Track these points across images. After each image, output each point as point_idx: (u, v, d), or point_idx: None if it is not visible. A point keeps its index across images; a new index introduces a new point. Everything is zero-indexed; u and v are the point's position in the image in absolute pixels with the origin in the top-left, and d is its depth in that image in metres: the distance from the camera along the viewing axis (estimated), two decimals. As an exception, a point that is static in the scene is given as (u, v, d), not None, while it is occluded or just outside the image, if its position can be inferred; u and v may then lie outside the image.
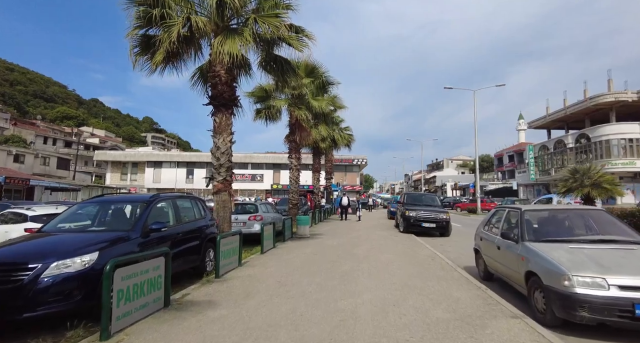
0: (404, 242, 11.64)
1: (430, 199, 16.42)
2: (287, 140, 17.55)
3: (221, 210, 8.43)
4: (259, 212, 11.64)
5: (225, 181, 8.57)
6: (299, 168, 17.52)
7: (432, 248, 10.27)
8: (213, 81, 8.52)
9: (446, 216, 14.35)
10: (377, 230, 15.94)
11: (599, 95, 33.57)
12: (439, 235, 14.63)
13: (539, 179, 43.63)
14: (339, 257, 8.70)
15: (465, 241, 13.28)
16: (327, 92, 17.94)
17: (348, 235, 13.59)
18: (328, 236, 13.37)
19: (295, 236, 12.97)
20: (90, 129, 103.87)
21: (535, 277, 4.30)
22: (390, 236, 13.50)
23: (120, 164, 51.44)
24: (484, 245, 6.40)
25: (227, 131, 8.59)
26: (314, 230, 15.32)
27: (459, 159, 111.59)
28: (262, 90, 16.58)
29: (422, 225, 14.15)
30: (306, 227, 13.09)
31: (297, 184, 17.45)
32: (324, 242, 11.48)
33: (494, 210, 6.74)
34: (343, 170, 53.49)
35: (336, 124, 27.03)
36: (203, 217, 7.14)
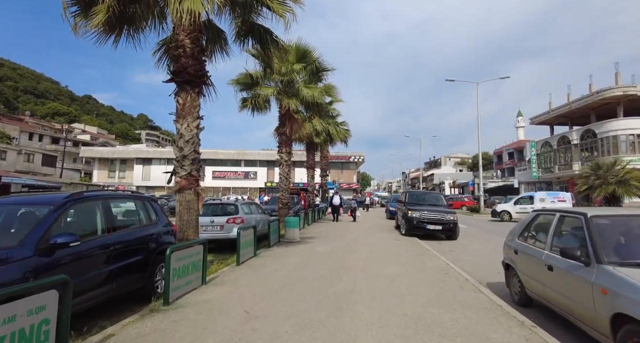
0: (408, 248, 10.06)
1: (434, 198, 14.86)
2: (276, 133, 15.91)
3: (185, 212, 6.79)
4: (240, 213, 10.00)
5: (190, 177, 6.92)
6: (289, 164, 15.88)
7: (441, 257, 8.70)
8: (176, 53, 6.85)
9: (453, 217, 12.79)
10: (375, 232, 14.35)
11: (607, 89, 32.14)
12: (445, 238, 13.11)
13: (542, 177, 42.27)
14: (331, 269, 7.09)
15: (475, 245, 11.85)
16: (320, 80, 16.28)
17: (343, 239, 11.99)
18: (321, 240, 11.77)
19: (283, 240, 11.37)
20: (82, 125, 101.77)
21: (633, 325, 2.71)
22: (391, 240, 11.92)
23: (108, 160, 49.48)
24: (522, 261, 4.81)
25: (193, 115, 6.93)
26: (306, 233, 13.71)
27: (456, 156, 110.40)
28: (247, 77, 14.92)
29: (426, 227, 12.59)
30: (295, 230, 11.47)
31: (287, 181, 15.82)
32: (315, 249, 9.87)
33: (532, 214, 5.15)
34: (339, 167, 51.91)
35: (332, 118, 25.40)
36: (153, 223, 5.51)
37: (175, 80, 6.91)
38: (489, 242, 12.53)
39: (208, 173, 49.68)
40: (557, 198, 20.48)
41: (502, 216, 21.03)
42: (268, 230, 10.19)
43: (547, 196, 20.81)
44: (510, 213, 20.87)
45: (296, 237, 11.45)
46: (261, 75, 15.18)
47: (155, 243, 5.33)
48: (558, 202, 20.16)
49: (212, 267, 7.38)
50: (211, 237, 9.68)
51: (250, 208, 11.03)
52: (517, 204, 21.10)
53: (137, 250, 4.93)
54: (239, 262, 7.57)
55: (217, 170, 49.68)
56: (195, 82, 6.95)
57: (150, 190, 48.22)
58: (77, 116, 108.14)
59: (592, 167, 13.02)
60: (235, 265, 7.53)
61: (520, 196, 22.30)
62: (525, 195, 22.35)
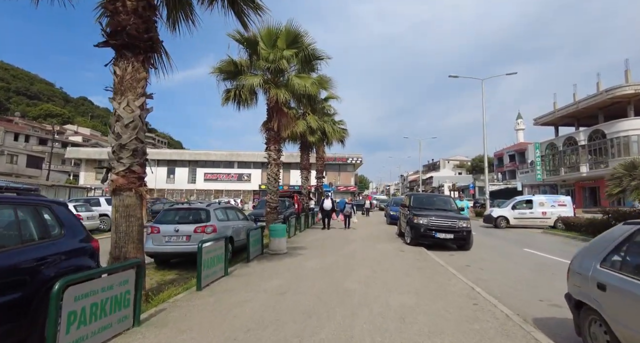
0: (417, 263, 8.29)
1: (443, 202, 13.10)
2: (264, 129, 14.15)
3: (123, 221, 5.00)
4: (212, 220, 8.19)
5: (131, 173, 5.13)
6: (279, 163, 14.10)
7: (460, 276, 6.94)
8: (112, 7, 5.10)
9: (466, 224, 11.04)
10: (376, 241, 12.57)
11: (617, 87, 30.63)
12: (455, 247, 11.37)
13: (547, 179, 40.69)
14: (321, 299, 5.30)
15: (494, 257, 9.95)
16: (314, 69, 14.54)
17: (339, 250, 10.20)
18: (312, 251, 9.97)
19: (267, 252, 9.58)
20: (75, 127, 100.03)
21: None
22: (394, 251, 10.14)
23: (96, 161, 47.46)
24: (618, 303, 3.04)
25: (136, 91, 5.17)
26: (296, 242, 11.92)
27: (455, 159, 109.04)
28: (230, 65, 13.17)
29: (435, 235, 10.83)
30: (282, 240, 9.68)
31: (276, 182, 14.04)
32: (303, 264, 8.07)
33: (625, 228, 3.37)
34: (337, 169, 50.17)
35: (328, 115, 23.69)
36: (53, 238, 3.72)
37: (111, 43, 5.13)
38: (509, 253, 10.78)
39: (199, 176, 47.82)
40: (557, 202, 18.69)
41: (499, 223, 18.61)
42: (247, 240, 8.39)
43: (547, 200, 18.93)
44: (507, 219, 18.67)
45: (282, 248, 9.66)
46: (246, 63, 13.44)
47: (53, 270, 3.53)
48: (559, 206, 18.42)
49: (162, 294, 5.58)
50: (175, 250, 7.92)
51: (226, 214, 9.21)
52: (515, 209, 18.92)
53: (12, 283, 3.13)
54: (200, 286, 5.78)
55: (209, 172, 47.82)
56: (138, 47, 5.18)
57: (139, 193, 46.29)
58: (71, 118, 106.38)
59: (626, 166, 11.37)
60: (197, 290, 5.74)
61: (517, 200, 19.84)
62: (523, 199, 20.04)
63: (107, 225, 16.93)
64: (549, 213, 18.32)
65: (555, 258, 9.67)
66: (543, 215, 18.36)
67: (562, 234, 14.84)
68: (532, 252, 10.91)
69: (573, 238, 13.67)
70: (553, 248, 11.66)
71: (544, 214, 18.34)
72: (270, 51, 13.23)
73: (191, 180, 47.83)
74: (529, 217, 18.53)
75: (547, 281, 7.08)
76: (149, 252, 7.95)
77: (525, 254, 10.53)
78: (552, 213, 18.31)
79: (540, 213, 18.37)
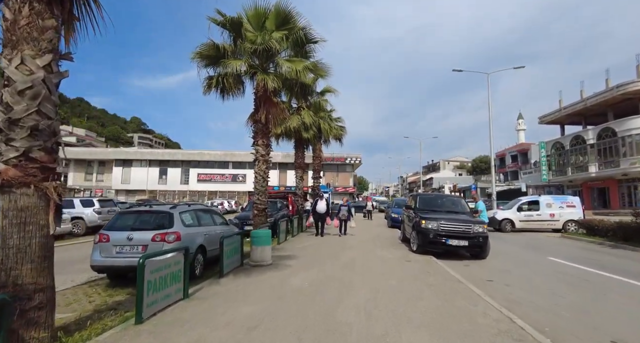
0: (428, 277, 6.73)
1: (452, 203, 11.54)
2: (250, 121, 12.56)
3: (16, 231, 3.46)
4: (175, 226, 6.62)
5: (29, 161, 3.57)
6: (267, 159, 12.52)
7: (487, 297, 5.40)
8: None
9: (482, 229, 9.50)
10: (377, 248, 11.01)
11: (628, 82, 29.22)
12: (469, 256, 9.84)
13: (552, 180, 39.25)
14: (302, 341, 3.74)
15: (514, 266, 8.20)
16: (307, 56, 12.98)
17: (334, 261, 8.64)
18: (302, 262, 8.41)
19: (248, 264, 8.03)
20: (70, 127, 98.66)
21: None
22: (399, 261, 8.58)
23: (85, 162, 45.83)
24: None
25: (38, 44, 3.62)
26: (285, 249, 10.37)
27: (455, 160, 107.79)
28: (212, 48, 11.58)
29: (447, 242, 9.28)
30: (266, 249, 8.11)
31: (264, 181, 12.46)
32: (288, 281, 6.51)
33: None
34: (335, 169, 48.63)
35: (324, 111, 22.12)
36: None
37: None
38: (532, 263, 9.24)
39: (193, 176, 46.20)
40: (565, 204, 17.15)
41: (503, 226, 16.99)
42: (220, 250, 6.83)
43: (555, 201, 17.35)
44: (513, 222, 17.02)
45: (266, 258, 8.09)
46: (231, 48, 11.90)
47: None
48: (567, 207, 16.90)
49: (83, 332, 4.02)
50: (128, 264, 6.31)
51: (197, 218, 7.63)
52: (521, 211, 17.29)
53: None
54: (141, 318, 4.22)
55: (203, 172, 46.20)
56: (42, -18, 3.63)
57: (131, 195, 44.70)
58: (66, 118, 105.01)
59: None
60: (134, 323, 4.18)
61: (522, 201, 18.15)
62: (529, 200, 18.33)
63: (81, 229, 15.43)
64: (557, 215, 16.81)
65: (592, 270, 8.13)
66: (551, 217, 16.83)
67: (584, 239, 13.30)
68: (559, 261, 9.36)
69: (599, 245, 12.13)
70: (581, 256, 10.12)
71: (552, 216, 16.83)
72: (258, 34, 11.70)
73: (184, 181, 46.19)
74: (536, 220, 17.01)
75: (602, 305, 5.53)
76: (96, 265, 6.40)
77: (553, 265, 8.98)
78: (561, 215, 16.81)
79: (548, 215, 16.84)
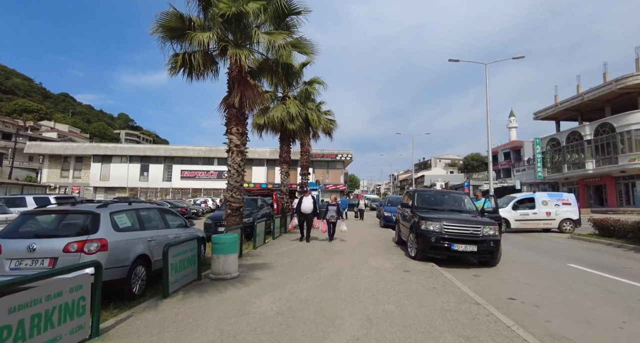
0: (438, 298, 5.18)
1: (455, 200, 10.02)
2: (223, 105, 10.86)
3: None
4: (100, 231, 4.92)
5: None
6: (242, 150, 10.86)
7: (521, 331, 3.88)
8: None
9: (493, 231, 8.01)
10: (369, 253, 9.44)
11: (628, 76, 28.25)
12: (476, 262, 8.37)
13: (547, 177, 38.32)
14: None
15: (533, 277, 6.65)
16: (290, 31, 11.30)
17: (316, 273, 7.02)
18: (275, 275, 6.77)
19: (208, 277, 6.38)
20: (52, 123, 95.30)
21: None
22: (397, 273, 7.00)
23: (61, 158, 43.29)
24: None
25: None
26: (259, 256, 8.72)
27: (447, 157, 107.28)
28: (176, 19, 9.82)
29: (452, 248, 7.75)
30: (231, 258, 6.46)
31: (239, 176, 10.79)
32: (251, 305, 4.87)
33: None
34: (325, 166, 47.03)
35: (311, 101, 20.46)
36: None
37: None
38: (552, 271, 7.77)
39: (176, 173, 44.09)
40: (561, 201, 15.89)
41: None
42: (164, 261, 5.16)
43: (550, 198, 16.02)
44: (508, 222, 15.59)
45: (231, 269, 6.44)
46: (198, 20, 10.21)
47: None
48: (563, 205, 15.64)
49: None
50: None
51: (138, 220, 5.92)
52: (516, 209, 15.88)
53: None
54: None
55: (186, 169, 44.11)
56: None
57: (109, 192, 42.44)
58: (49, 114, 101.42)
59: None
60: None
61: (517, 198, 16.66)
62: (525, 197, 16.82)
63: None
64: (553, 214, 15.53)
65: (630, 282, 6.70)
66: (547, 216, 15.52)
67: (598, 241, 11.94)
68: (584, 269, 7.92)
69: (619, 247, 10.76)
70: (605, 262, 8.71)
71: (548, 215, 15.52)
72: (232, 4, 10.00)
73: (167, 178, 44.04)
74: (532, 219, 15.69)
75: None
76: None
77: (579, 274, 7.51)
78: (557, 213, 15.56)
79: (545, 214, 15.55)
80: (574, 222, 15.54)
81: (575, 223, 15.57)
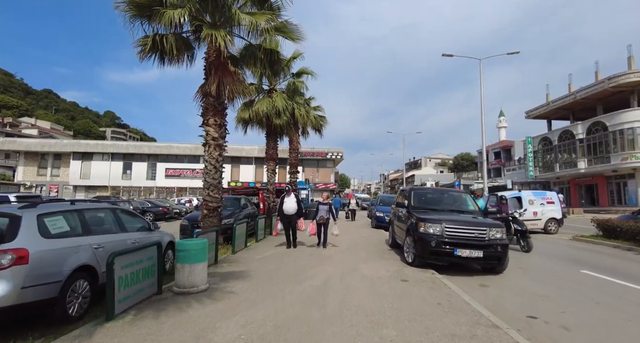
0: (445, 318, 4.24)
1: (454, 199, 9.13)
2: (199, 94, 9.79)
3: None
4: (20, 238, 3.86)
5: None
6: (221, 144, 9.82)
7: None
8: None
9: (501, 234, 7.14)
10: (361, 258, 8.48)
11: (620, 74, 27.96)
12: (479, 268, 7.50)
13: (539, 176, 38.02)
14: None
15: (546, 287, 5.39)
16: (274, 13, 10.24)
17: (297, 289, 6.03)
18: (249, 290, 5.75)
19: (170, 290, 5.34)
20: (33, 120, 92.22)
21: None
22: (394, 284, 6.06)
23: (37, 155, 41.30)
24: None
25: None
26: (236, 263, 7.67)
27: (437, 157, 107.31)
28: (145, -7, 8.75)
29: (455, 253, 6.84)
30: (198, 267, 5.42)
31: (217, 173, 9.75)
32: (215, 331, 3.85)
33: None
34: (315, 165, 46.04)
35: (300, 94, 19.43)
36: None
37: None
38: (567, 280, 6.93)
39: (160, 171, 42.53)
40: (545, 200, 15.19)
41: None
42: (108, 275, 4.10)
43: (536, 197, 15.30)
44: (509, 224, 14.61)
45: (197, 281, 5.41)
46: None
47: None
48: (547, 204, 14.95)
49: None
50: None
51: (80, 223, 4.85)
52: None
53: None
54: None
55: (171, 167, 42.59)
56: None
57: (90, 191, 40.70)
58: (30, 110, 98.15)
59: None
60: None
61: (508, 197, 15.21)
62: (512, 196, 15.57)
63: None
64: (539, 214, 14.82)
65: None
66: (534, 216, 14.73)
67: (603, 242, 11.22)
68: (601, 276, 7.10)
69: (628, 250, 10.03)
70: (620, 268, 7.94)
71: (535, 215, 14.75)
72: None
73: (151, 177, 42.44)
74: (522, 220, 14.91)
75: None
76: None
77: (598, 282, 6.69)
78: (542, 213, 14.85)
79: (532, 214, 14.72)
80: (558, 222, 14.90)
81: (559, 223, 14.94)
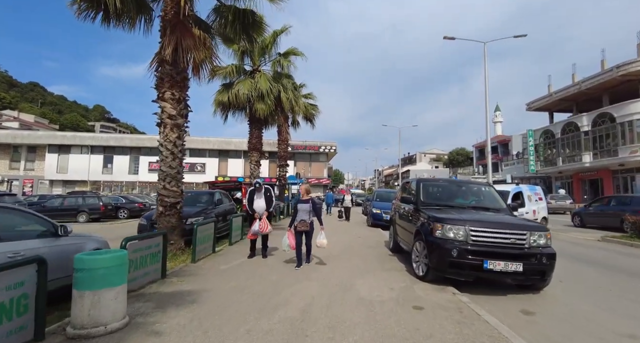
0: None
1: (475, 193, 7.30)
2: (155, 62, 7.80)
3: None
4: None
5: None
6: (180, 124, 7.87)
7: None
8: None
9: (545, 240, 5.32)
10: (355, 272, 6.62)
11: (629, 62, 26.38)
12: (512, 282, 5.70)
13: (541, 171, 36.50)
14: None
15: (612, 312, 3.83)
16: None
17: (261, 323, 4.14)
18: (190, 327, 3.84)
19: (64, 334, 3.41)
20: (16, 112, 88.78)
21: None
22: (403, 315, 4.20)
23: (10, 147, 38.73)
24: None
25: None
26: (189, 279, 5.75)
27: (432, 152, 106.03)
28: None
29: (484, 266, 5.00)
30: (107, 295, 3.50)
31: (174, 160, 7.84)
32: None
33: None
34: (307, 159, 44.07)
35: (287, 77, 17.46)
36: None
37: None
38: (631, 299, 5.14)
39: (143, 165, 40.25)
40: (537, 196, 13.58)
41: None
42: None
43: (531, 192, 13.62)
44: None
45: (106, 316, 3.49)
46: None
47: None
48: (539, 200, 13.34)
49: None
50: None
51: None
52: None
53: None
54: None
55: (155, 160, 40.32)
56: None
57: (68, 186, 38.33)
58: (13, 103, 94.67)
59: None
60: None
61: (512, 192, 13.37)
62: (515, 192, 13.46)
63: None
64: (537, 212, 13.11)
65: None
66: (534, 214, 13.01)
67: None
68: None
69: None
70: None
71: (535, 213, 13.03)
72: None
73: (133, 171, 40.13)
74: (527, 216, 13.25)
75: None
76: None
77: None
78: (538, 211, 13.15)
79: (532, 212, 12.95)
80: (545, 220, 13.31)
81: (546, 221, 13.34)
